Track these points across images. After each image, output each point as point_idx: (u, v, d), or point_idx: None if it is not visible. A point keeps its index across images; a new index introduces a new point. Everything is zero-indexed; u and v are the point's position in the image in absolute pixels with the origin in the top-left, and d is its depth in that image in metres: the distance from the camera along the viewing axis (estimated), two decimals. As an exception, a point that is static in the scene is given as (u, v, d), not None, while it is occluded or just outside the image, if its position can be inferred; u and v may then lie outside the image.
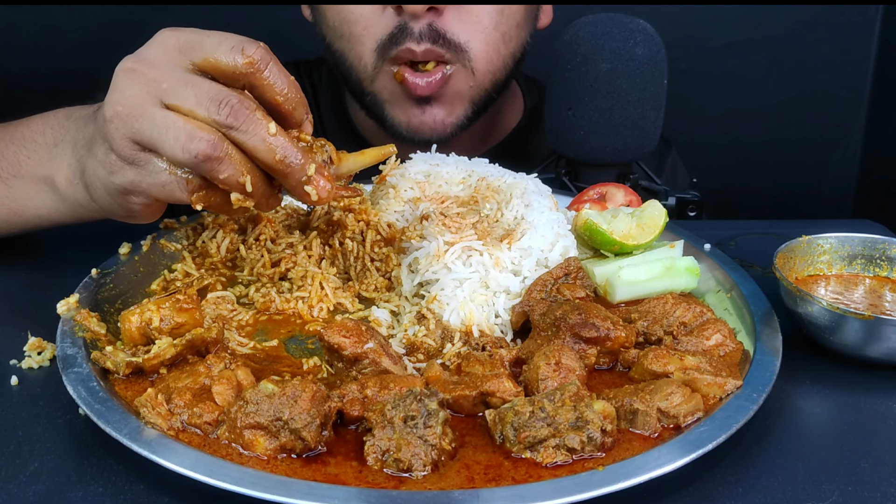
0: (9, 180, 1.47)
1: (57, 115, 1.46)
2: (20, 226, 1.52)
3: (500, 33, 1.90)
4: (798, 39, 2.92)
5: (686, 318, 1.34)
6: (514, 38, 1.94)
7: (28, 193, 1.45)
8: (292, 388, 1.07)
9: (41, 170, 1.42)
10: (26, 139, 1.46)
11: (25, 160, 1.45)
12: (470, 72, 1.89)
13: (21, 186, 1.46)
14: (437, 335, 1.34)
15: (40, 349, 1.31)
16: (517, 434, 1.07)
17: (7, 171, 1.47)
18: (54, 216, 1.46)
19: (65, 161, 1.38)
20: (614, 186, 1.73)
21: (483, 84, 1.94)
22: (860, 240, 1.47)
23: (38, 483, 1.05)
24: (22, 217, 1.49)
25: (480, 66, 1.90)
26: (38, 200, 1.45)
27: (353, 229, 1.52)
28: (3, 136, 1.51)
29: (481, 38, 1.87)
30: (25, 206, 1.47)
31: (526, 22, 1.99)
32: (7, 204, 1.48)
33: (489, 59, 1.91)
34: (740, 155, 3.05)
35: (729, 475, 1.09)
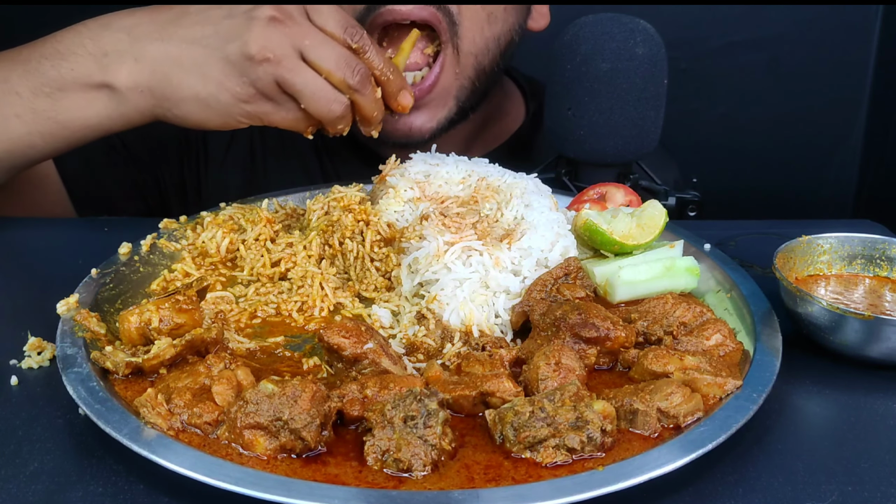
0: (53, 94, 1.52)
1: (89, 27, 1.54)
2: (69, 138, 1.58)
3: (486, 13, 1.86)
4: (798, 39, 2.92)
5: (686, 318, 1.34)
6: (499, 21, 1.89)
7: (78, 104, 1.53)
8: (292, 388, 1.07)
9: (92, 78, 1.51)
10: (62, 52, 1.52)
11: (68, 72, 1.51)
12: (456, 53, 1.83)
13: (68, 98, 1.52)
14: (437, 335, 1.34)
15: (40, 349, 1.31)
16: (517, 434, 1.07)
17: (49, 85, 1.52)
18: (105, 123, 1.55)
19: (125, 69, 1.50)
20: (614, 186, 1.73)
21: (466, 70, 1.87)
22: (860, 240, 1.47)
23: (38, 483, 1.05)
24: (68, 129, 1.55)
25: (465, 45, 1.84)
26: (90, 109, 1.53)
27: (353, 229, 1.52)
28: (33, 55, 1.55)
29: (469, 15, 1.82)
30: (74, 117, 1.54)
31: (514, 7, 1.93)
32: (53, 117, 1.53)
33: (472, 39, 1.85)
34: (740, 155, 3.05)
35: (729, 475, 1.09)
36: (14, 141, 1.57)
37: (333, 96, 1.49)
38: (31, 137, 1.56)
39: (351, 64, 1.48)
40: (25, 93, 1.53)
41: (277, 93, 1.48)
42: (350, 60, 1.49)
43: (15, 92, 1.54)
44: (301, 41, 1.46)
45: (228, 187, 2.06)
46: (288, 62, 1.45)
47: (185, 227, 1.63)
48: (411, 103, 1.60)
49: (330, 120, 1.51)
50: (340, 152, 2.15)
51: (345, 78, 1.48)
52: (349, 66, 1.48)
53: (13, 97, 1.54)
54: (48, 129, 1.55)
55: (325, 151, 2.16)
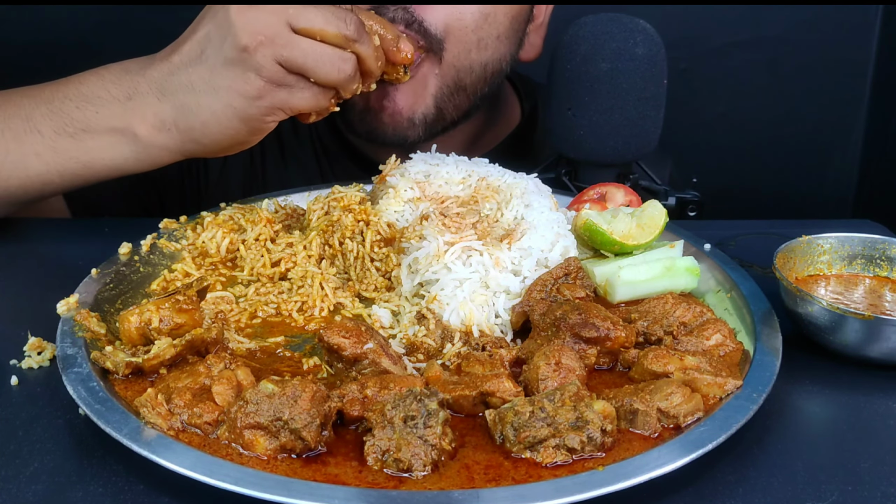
0: (77, 135, 1.52)
1: (111, 71, 1.54)
2: (88, 178, 1.58)
3: (476, 38, 1.83)
4: (798, 39, 2.92)
5: (686, 318, 1.34)
6: (489, 49, 1.86)
7: (101, 146, 1.52)
8: (292, 388, 1.07)
9: (115, 122, 1.50)
10: (87, 96, 1.52)
11: (94, 115, 1.51)
12: (438, 59, 1.81)
13: (92, 140, 1.52)
14: (437, 335, 1.34)
15: (40, 349, 1.31)
16: (517, 434, 1.07)
17: (73, 126, 1.52)
18: (130, 165, 1.54)
19: (149, 111, 1.49)
20: (614, 186, 1.73)
21: (447, 78, 1.85)
22: (860, 240, 1.47)
23: (38, 483, 1.05)
24: (92, 169, 1.55)
25: (448, 58, 1.82)
26: (113, 152, 1.52)
27: (353, 229, 1.52)
28: (56, 95, 1.55)
29: (458, 37, 1.81)
30: (97, 158, 1.53)
31: (508, 38, 1.90)
32: (77, 157, 1.53)
33: (457, 57, 1.83)
34: (740, 155, 3.05)
35: (729, 475, 1.09)
36: (32, 178, 1.57)
37: (338, 55, 1.44)
38: (49, 175, 1.56)
39: (340, 15, 1.43)
40: (48, 132, 1.53)
41: (285, 75, 1.43)
42: (338, 12, 1.44)
43: (37, 130, 1.54)
44: (284, 13, 1.41)
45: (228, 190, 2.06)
46: (280, 38, 1.40)
47: (185, 227, 1.63)
48: (412, 50, 1.57)
49: (342, 82, 1.46)
50: (338, 158, 2.15)
51: (339, 31, 1.43)
52: (339, 17, 1.43)
53: (34, 135, 1.54)
54: (69, 168, 1.55)
55: (324, 156, 2.16)
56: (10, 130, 1.55)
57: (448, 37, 1.79)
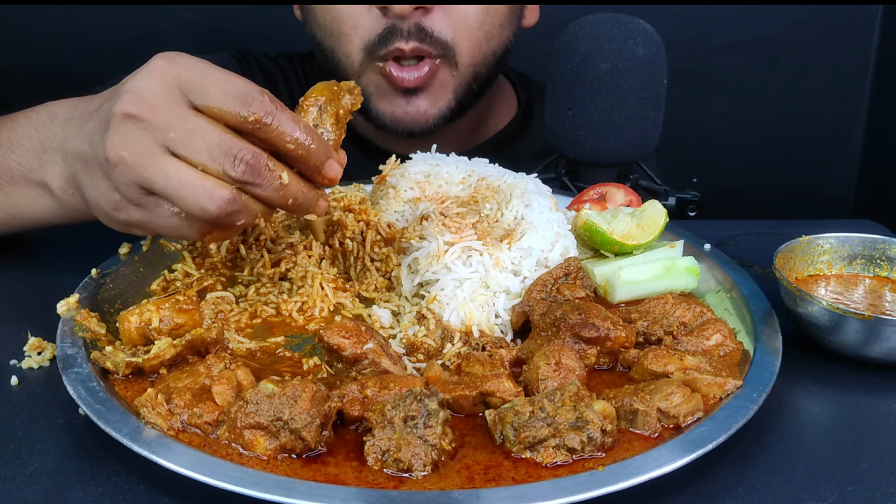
0: (3, 186, 1.45)
1: (40, 115, 1.43)
2: (20, 227, 1.51)
3: (483, 32, 1.96)
4: (798, 39, 2.92)
5: (686, 318, 1.34)
6: (496, 37, 2.00)
7: (25, 199, 1.44)
8: (292, 388, 1.07)
9: (34, 175, 1.40)
10: (13, 143, 1.43)
11: (16, 165, 1.42)
12: (454, 65, 1.96)
13: (16, 191, 1.44)
14: (437, 335, 1.34)
15: (40, 349, 1.31)
16: (517, 434, 1.07)
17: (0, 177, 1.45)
18: (53, 219, 1.45)
19: (56, 169, 1.36)
20: (614, 186, 1.73)
21: (465, 76, 1.99)
22: (860, 240, 1.47)
23: (38, 483, 1.05)
24: (21, 220, 1.48)
25: (464, 60, 1.96)
26: (36, 205, 1.43)
27: (353, 229, 1.52)
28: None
29: (466, 36, 1.94)
30: (24, 210, 1.46)
31: (509, 22, 2.04)
32: (5, 209, 1.47)
33: (472, 55, 1.97)
34: (740, 155, 3.05)
35: (729, 475, 1.09)
36: None
37: (206, 189, 1.16)
38: None
39: (231, 151, 1.16)
40: None
41: (141, 196, 1.21)
42: (230, 147, 1.17)
43: None
44: (164, 135, 1.17)
45: None
46: (146, 160, 1.18)
47: (185, 227, 1.62)
48: (340, 173, 1.29)
49: (211, 217, 1.18)
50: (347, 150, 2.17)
51: (224, 170, 1.17)
52: (228, 153, 1.16)
53: None
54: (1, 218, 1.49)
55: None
56: None
57: (458, 40, 1.92)
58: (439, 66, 1.94)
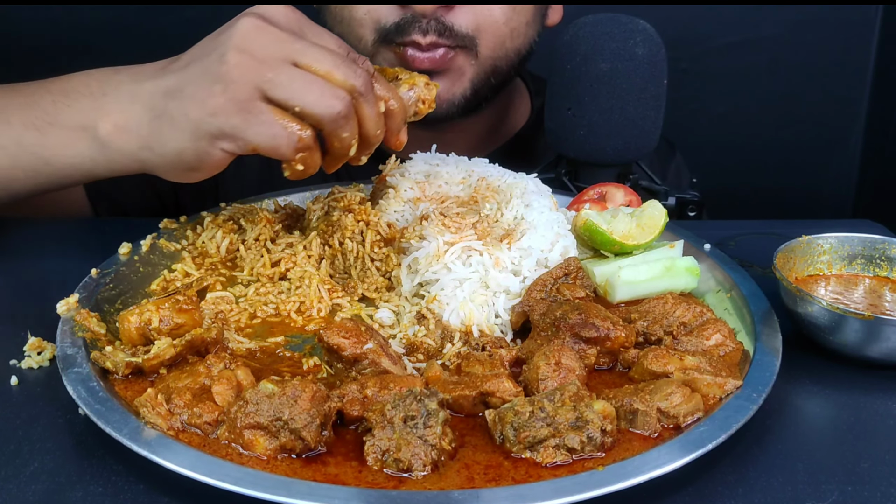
0: (43, 128, 1.45)
1: (101, 71, 1.47)
2: (48, 177, 1.49)
3: (509, 29, 1.93)
4: (798, 39, 2.92)
5: (686, 318, 1.34)
6: (521, 35, 1.97)
7: (63, 141, 1.44)
8: (292, 388, 1.07)
9: (82, 118, 1.42)
10: (66, 90, 1.46)
11: (64, 108, 1.44)
12: (474, 54, 1.91)
13: (55, 134, 1.45)
14: (436, 335, 1.34)
15: (40, 349, 1.31)
16: (517, 434, 1.07)
17: (42, 119, 1.46)
18: (87, 165, 1.44)
19: (116, 109, 1.39)
20: (614, 186, 1.73)
21: (484, 67, 1.94)
22: (860, 240, 1.47)
23: (38, 483, 1.05)
24: (52, 166, 1.47)
25: (485, 52, 1.92)
26: (73, 149, 1.44)
27: (353, 229, 1.52)
28: (39, 89, 1.50)
29: (491, 32, 1.89)
30: (58, 154, 1.45)
31: (535, 20, 2.01)
32: (38, 153, 1.46)
33: (494, 49, 1.93)
34: (740, 155, 3.05)
35: (729, 475, 1.09)
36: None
37: (330, 88, 1.26)
38: (13, 171, 1.49)
39: (352, 64, 1.28)
40: (17, 124, 1.47)
41: (253, 101, 1.26)
42: (351, 61, 1.28)
43: (7, 121, 1.48)
44: (291, 45, 1.27)
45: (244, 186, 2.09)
46: (273, 63, 1.26)
47: (185, 227, 1.63)
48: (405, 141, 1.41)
49: (331, 118, 1.26)
50: None
51: (346, 77, 1.26)
52: (350, 65, 1.27)
53: (4, 126, 1.48)
54: (31, 163, 1.48)
55: None
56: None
57: (480, 34, 1.87)
58: (458, 53, 1.88)
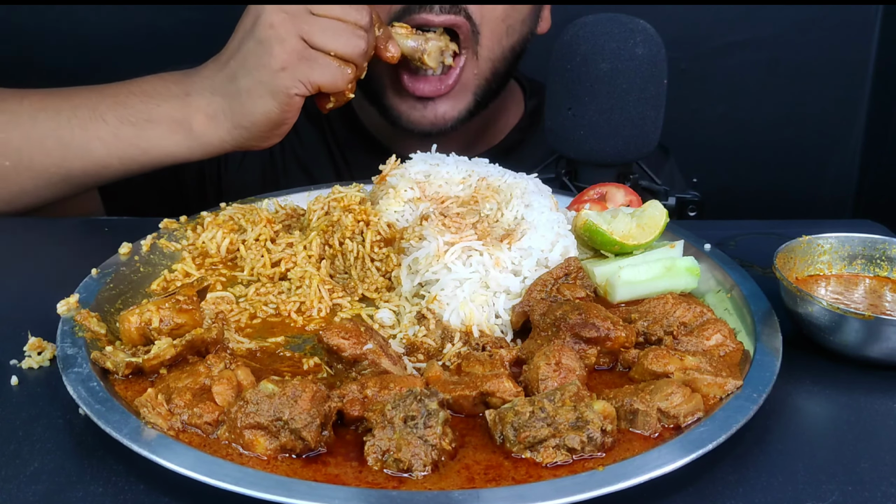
0: (139, 124, 1.70)
1: (171, 74, 1.76)
2: (145, 163, 1.74)
3: (506, 25, 1.99)
4: (798, 39, 2.92)
5: (686, 318, 1.34)
6: (516, 33, 2.03)
7: (160, 135, 1.71)
8: (292, 388, 1.07)
9: (176, 114, 1.70)
10: (149, 92, 1.72)
11: (155, 108, 1.70)
12: (475, 58, 1.97)
13: (154, 129, 1.70)
14: (437, 335, 1.34)
15: (40, 349, 1.31)
16: (517, 434, 1.07)
17: (136, 116, 1.70)
18: (183, 153, 1.73)
19: (202, 103, 1.69)
20: (614, 186, 1.73)
21: (484, 72, 2.01)
22: (860, 240, 1.47)
23: (38, 483, 1.05)
24: (149, 155, 1.73)
25: (484, 52, 1.97)
26: (171, 140, 1.71)
27: (353, 229, 1.52)
28: (121, 91, 1.74)
29: (490, 27, 1.96)
30: (156, 146, 1.71)
31: (529, 19, 2.06)
32: (137, 144, 1.71)
33: (491, 48, 1.99)
34: (740, 155, 3.05)
35: (729, 475, 1.09)
36: (94, 161, 1.73)
37: (352, 30, 1.63)
38: (109, 160, 1.73)
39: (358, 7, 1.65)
40: (112, 120, 1.70)
41: (305, 48, 1.61)
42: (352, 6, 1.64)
43: (102, 119, 1.70)
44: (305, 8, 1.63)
45: (246, 186, 2.13)
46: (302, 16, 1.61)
47: (185, 227, 1.63)
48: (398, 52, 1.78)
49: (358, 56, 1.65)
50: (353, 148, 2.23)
51: (356, 20, 1.64)
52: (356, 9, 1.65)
53: (99, 122, 1.70)
54: (128, 153, 1.72)
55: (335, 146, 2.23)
56: (76, 118, 1.72)
57: (482, 27, 1.95)
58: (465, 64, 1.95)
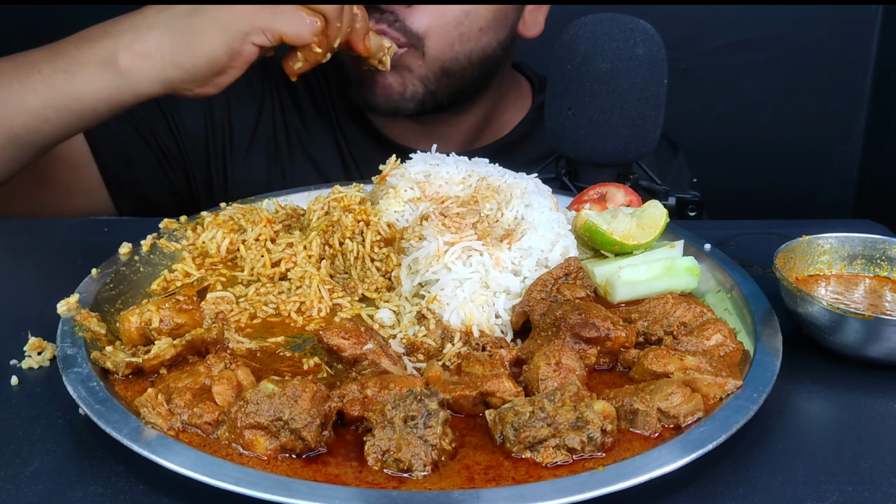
0: (70, 69, 1.65)
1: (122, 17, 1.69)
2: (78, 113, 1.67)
3: (458, 32, 1.97)
4: (798, 39, 2.92)
5: (686, 318, 1.34)
6: (472, 41, 2.00)
7: (91, 76, 1.64)
8: (292, 388, 1.07)
9: (104, 54, 1.62)
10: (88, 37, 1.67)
11: (88, 50, 1.64)
12: (420, 53, 1.96)
13: (83, 71, 1.64)
14: (437, 335, 1.34)
15: (40, 349, 1.31)
16: (517, 434, 1.07)
17: (68, 62, 1.65)
18: (114, 95, 1.65)
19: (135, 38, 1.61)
20: (614, 186, 1.73)
21: (433, 68, 1.99)
22: (860, 240, 1.47)
23: (38, 483, 1.05)
24: (80, 101, 1.65)
25: (432, 53, 1.97)
26: (99, 82, 1.63)
27: (353, 229, 1.52)
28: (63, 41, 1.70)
29: (439, 33, 1.95)
30: (86, 90, 1.64)
31: (492, 28, 2.02)
32: (68, 91, 1.65)
33: (441, 51, 1.98)
34: (740, 155, 3.05)
35: (729, 475, 1.09)
36: (30, 114, 1.68)
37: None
38: (45, 111, 1.67)
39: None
40: (46, 70, 1.66)
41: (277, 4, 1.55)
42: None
43: (38, 71, 1.67)
44: None
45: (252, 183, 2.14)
46: None
47: (185, 227, 1.63)
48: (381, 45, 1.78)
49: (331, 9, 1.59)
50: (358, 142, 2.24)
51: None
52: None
53: (35, 75, 1.67)
54: (62, 102, 1.65)
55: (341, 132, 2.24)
56: (16, 73, 1.70)
57: (429, 34, 1.95)
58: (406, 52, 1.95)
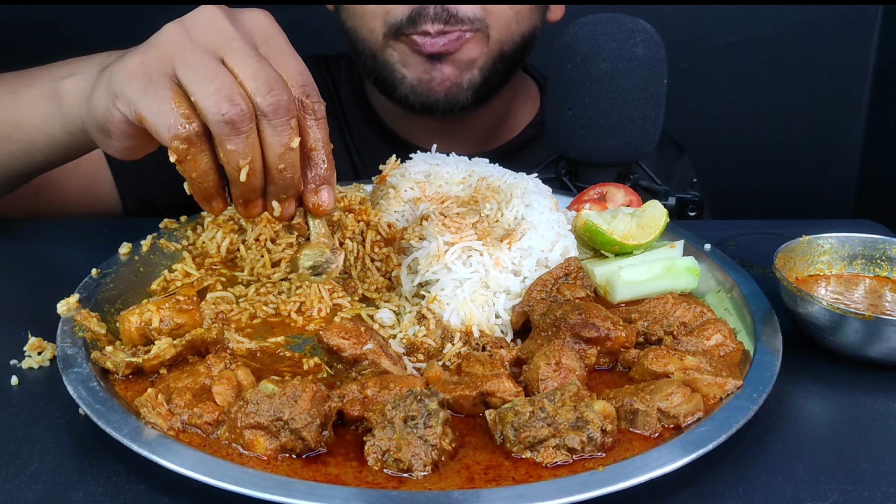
0: (19, 90, 1.54)
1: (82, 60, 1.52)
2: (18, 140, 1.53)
3: (514, 12, 2.00)
4: (798, 39, 2.92)
5: (686, 318, 1.34)
6: (526, 19, 2.03)
7: (31, 102, 1.51)
8: (292, 388, 1.07)
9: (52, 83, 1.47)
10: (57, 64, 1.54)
11: (45, 73, 1.52)
12: (485, 37, 1.97)
13: (28, 95, 1.52)
14: (437, 335, 1.34)
15: (40, 349, 1.31)
16: (517, 434, 1.07)
17: (21, 84, 1.54)
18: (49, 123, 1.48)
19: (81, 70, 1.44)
20: (614, 186, 1.73)
21: (493, 53, 2.00)
22: (860, 240, 1.47)
23: (38, 483, 1.05)
24: (22, 130, 1.53)
25: (494, 35, 1.98)
26: (39, 108, 1.49)
27: (353, 229, 1.52)
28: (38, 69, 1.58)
29: (497, 14, 1.96)
30: (27, 116, 1.52)
31: (538, 7, 2.08)
32: (10, 115, 1.54)
33: (501, 31, 1.99)
34: (740, 155, 3.05)
35: (729, 475, 1.09)
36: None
37: (231, 92, 1.12)
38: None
39: (275, 84, 1.14)
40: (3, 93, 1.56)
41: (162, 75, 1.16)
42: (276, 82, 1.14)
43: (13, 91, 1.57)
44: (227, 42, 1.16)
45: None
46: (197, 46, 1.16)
47: (185, 227, 1.63)
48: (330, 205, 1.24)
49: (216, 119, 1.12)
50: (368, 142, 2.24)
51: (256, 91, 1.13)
52: (268, 83, 1.13)
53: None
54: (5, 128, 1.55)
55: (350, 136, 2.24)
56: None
57: (489, 16, 1.95)
58: (471, 38, 1.94)
